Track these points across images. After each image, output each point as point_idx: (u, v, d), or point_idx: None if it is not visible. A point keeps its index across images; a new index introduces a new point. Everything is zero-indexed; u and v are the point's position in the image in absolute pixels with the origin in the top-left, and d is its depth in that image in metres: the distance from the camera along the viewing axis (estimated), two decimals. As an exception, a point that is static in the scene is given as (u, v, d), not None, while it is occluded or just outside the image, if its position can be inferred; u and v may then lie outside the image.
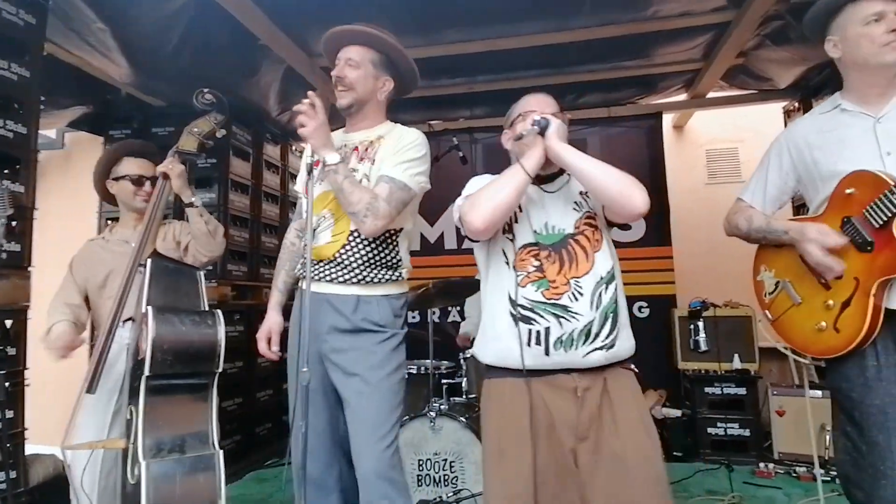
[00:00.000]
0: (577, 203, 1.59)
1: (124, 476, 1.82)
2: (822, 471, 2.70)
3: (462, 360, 3.13)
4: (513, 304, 1.52)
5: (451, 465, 2.62)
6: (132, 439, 1.77)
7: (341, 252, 1.79)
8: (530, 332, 1.49)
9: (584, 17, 3.18)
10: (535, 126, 1.51)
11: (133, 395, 1.82)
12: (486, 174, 1.69)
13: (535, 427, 1.47)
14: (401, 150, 1.80)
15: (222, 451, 1.82)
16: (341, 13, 2.09)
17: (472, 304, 3.53)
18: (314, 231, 1.79)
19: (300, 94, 1.97)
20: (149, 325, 1.76)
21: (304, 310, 1.69)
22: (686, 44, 3.56)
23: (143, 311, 1.82)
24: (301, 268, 1.87)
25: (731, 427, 3.60)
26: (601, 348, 1.47)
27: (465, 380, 3.03)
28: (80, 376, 1.86)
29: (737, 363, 3.62)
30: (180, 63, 3.12)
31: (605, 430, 1.46)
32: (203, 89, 2.04)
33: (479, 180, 1.66)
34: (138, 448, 1.72)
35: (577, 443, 1.46)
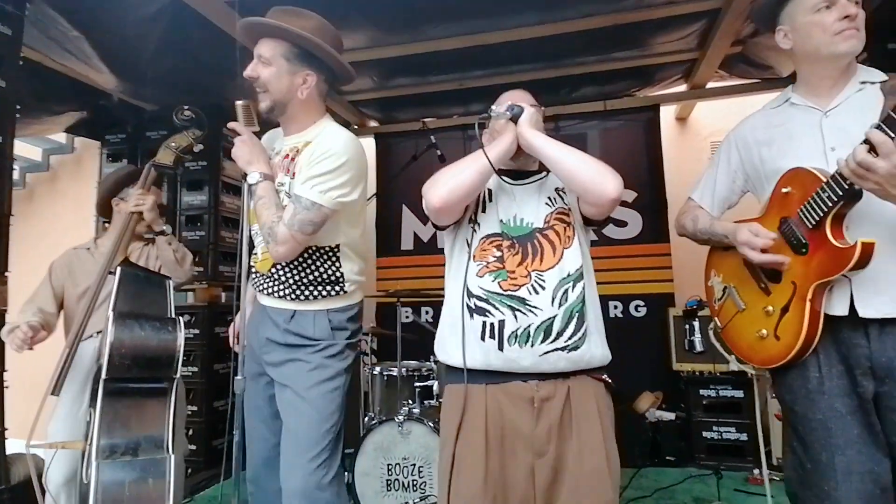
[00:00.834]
0: (550, 198, 1.54)
1: (80, 477, 1.87)
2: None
3: (433, 362, 3.08)
4: (469, 294, 1.46)
5: (420, 469, 2.59)
6: (88, 441, 1.82)
7: (274, 269, 1.75)
8: (484, 324, 1.42)
9: (568, 8, 3.07)
10: (508, 112, 1.48)
11: (93, 398, 1.86)
12: None
13: (489, 439, 1.40)
14: (313, 162, 1.62)
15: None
16: (317, 11, 1.86)
17: None
18: (252, 245, 1.78)
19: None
20: (108, 329, 1.82)
21: (244, 322, 1.71)
22: (679, 32, 3.40)
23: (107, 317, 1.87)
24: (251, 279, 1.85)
25: (727, 431, 3.46)
26: (563, 349, 1.39)
27: (436, 382, 2.99)
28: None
29: (733, 365, 3.45)
30: (161, 67, 3.13)
31: (565, 447, 1.39)
32: (183, 106, 2.07)
33: None
34: (93, 449, 1.77)
35: (535, 458, 1.39)
